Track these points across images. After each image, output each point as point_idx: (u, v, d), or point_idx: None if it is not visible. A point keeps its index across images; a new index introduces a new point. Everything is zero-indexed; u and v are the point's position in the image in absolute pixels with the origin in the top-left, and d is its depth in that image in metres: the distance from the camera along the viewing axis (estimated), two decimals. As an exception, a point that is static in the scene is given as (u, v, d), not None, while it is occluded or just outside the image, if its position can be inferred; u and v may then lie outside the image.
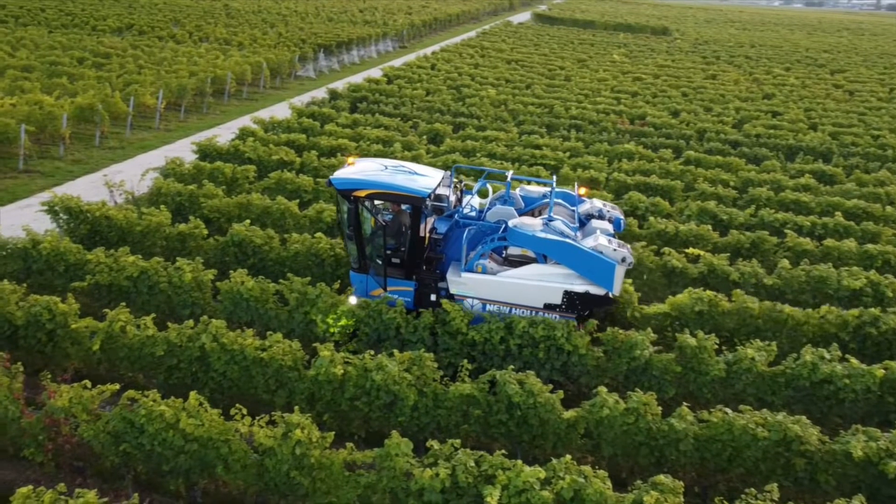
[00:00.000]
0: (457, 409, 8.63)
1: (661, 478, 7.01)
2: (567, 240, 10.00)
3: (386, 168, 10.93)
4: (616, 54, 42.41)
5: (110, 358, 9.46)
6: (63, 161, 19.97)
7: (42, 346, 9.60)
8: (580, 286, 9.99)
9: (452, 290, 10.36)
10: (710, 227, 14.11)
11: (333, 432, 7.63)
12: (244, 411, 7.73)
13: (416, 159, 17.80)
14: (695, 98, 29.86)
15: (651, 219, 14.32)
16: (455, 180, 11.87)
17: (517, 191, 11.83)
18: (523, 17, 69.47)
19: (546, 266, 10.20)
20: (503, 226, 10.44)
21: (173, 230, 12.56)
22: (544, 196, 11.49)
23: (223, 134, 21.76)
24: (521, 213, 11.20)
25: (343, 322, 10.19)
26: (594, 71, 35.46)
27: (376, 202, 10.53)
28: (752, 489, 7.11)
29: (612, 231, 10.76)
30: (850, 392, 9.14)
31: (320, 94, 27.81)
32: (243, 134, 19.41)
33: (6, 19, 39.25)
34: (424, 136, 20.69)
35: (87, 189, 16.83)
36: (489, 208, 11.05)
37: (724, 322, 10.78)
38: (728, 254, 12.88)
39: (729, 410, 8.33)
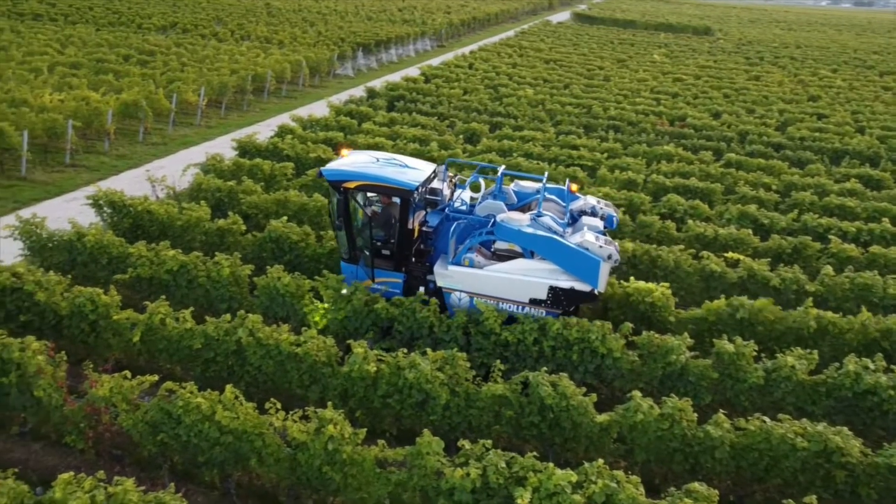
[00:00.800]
0: (488, 409, 8.61)
1: (696, 485, 6.90)
2: (553, 236, 10.01)
3: (377, 160, 10.95)
4: (657, 54, 41.86)
5: (150, 349, 9.66)
6: (108, 156, 20.46)
7: (85, 337, 9.85)
8: (565, 282, 9.97)
9: (439, 283, 10.41)
10: (750, 231, 13.83)
11: (365, 429, 7.66)
12: (278, 405, 7.82)
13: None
14: (737, 99, 29.30)
15: (690, 222, 14.10)
16: (450, 174, 11.86)
17: (511, 186, 11.83)
18: (563, 16, 68.99)
19: (532, 261, 10.21)
20: (492, 220, 10.45)
21: (212, 225, 12.77)
22: (538, 192, 11.45)
23: (262, 131, 22.05)
24: (514, 209, 11.24)
25: (323, 310, 10.36)
26: (634, 71, 35.04)
27: (369, 194, 10.61)
28: (790, 500, 6.95)
29: (602, 228, 10.78)
30: (894, 404, 8.88)
31: (358, 92, 28.00)
32: (282, 131, 19.64)
33: (56, 17, 40.38)
34: (461, 136, 20.69)
35: (131, 183, 17.22)
36: (480, 203, 11.09)
37: (763, 329, 10.56)
38: (769, 259, 12.60)
39: (767, 419, 8.16)
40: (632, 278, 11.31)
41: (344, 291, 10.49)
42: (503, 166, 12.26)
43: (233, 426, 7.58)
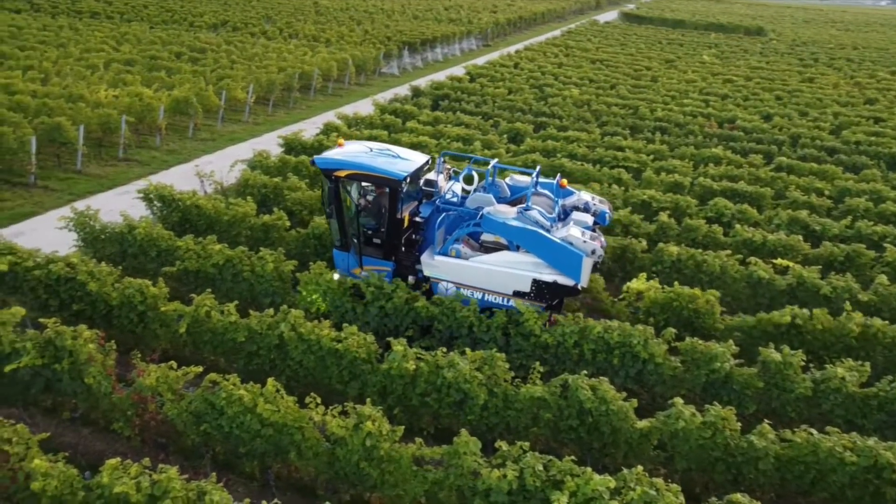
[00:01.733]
0: (527, 411, 8.56)
1: (738, 496, 6.76)
2: (537, 229, 10.09)
3: (371, 150, 11.10)
4: (706, 55, 41.04)
5: (195, 341, 9.87)
6: (159, 151, 20.98)
7: (133, 327, 10.12)
8: (548, 275, 10.09)
9: (426, 273, 10.63)
10: (800, 237, 13.42)
11: (403, 427, 7.70)
12: (318, 400, 7.91)
13: (494, 157, 17.78)
14: (789, 102, 28.51)
15: (737, 226, 13.78)
16: (448, 167, 11.96)
17: (507, 180, 11.94)
18: (610, 15, 68.18)
19: (517, 254, 10.32)
20: (480, 212, 10.57)
21: (258, 221, 12.98)
22: (536, 185, 11.63)
23: (308, 128, 22.32)
24: (507, 202, 11.30)
25: (315, 296, 10.60)
26: (682, 72, 34.42)
27: (364, 184, 10.78)
28: (837, 516, 6.76)
29: (590, 223, 10.85)
30: (950, 420, 8.55)
31: (403, 91, 28.13)
32: (327, 129, 19.85)
33: (112, 15, 41.58)
34: (505, 135, 20.62)
35: (180, 178, 17.62)
36: (471, 195, 11.19)
37: (813, 338, 10.27)
38: (819, 266, 12.24)
39: (814, 431, 7.93)
40: (675, 283, 11.11)
41: (336, 277, 10.76)
42: (496, 159, 12.34)
43: (273, 419, 7.69)
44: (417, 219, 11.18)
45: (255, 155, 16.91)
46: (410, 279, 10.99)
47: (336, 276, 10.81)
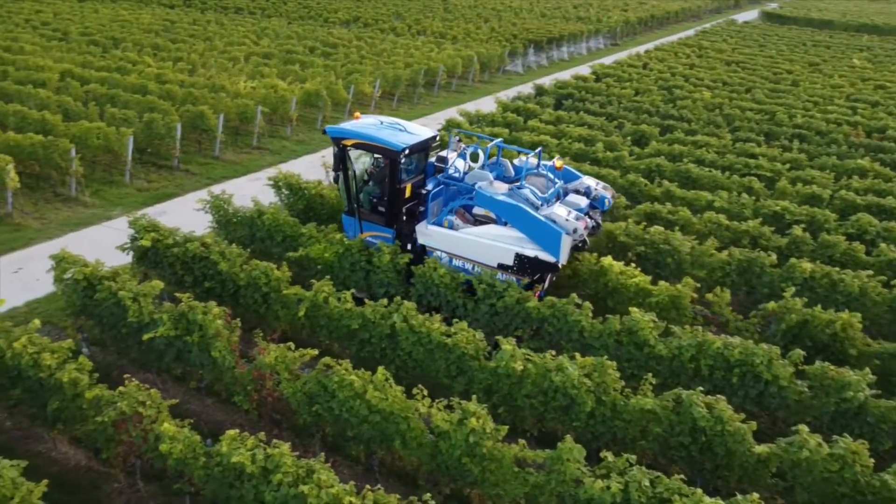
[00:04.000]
0: (635, 422, 8.29)
1: (866, 539, 6.22)
2: (521, 205, 10.55)
3: (381, 124, 11.85)
4: (856, 58, 38.01)
5: (312, 325, 10.28)
6: (289, 141, 22.02)
7: (257, 307, 10.68)
8: (531, 250, 10.53)
9: (420, 241, 11.34)
10: (957, 261, 12.17)
11: (507, 427, 7.67)
12: (425, 392, 8.02)
13: (617, 160, 17.34)
14: (952, 111, 25.89)
15: (882, 245, 12.67)
16: (462, 145, 12.43)
17: (516, 160, 12.54)
18: (749, 15, 64.62)
19: (503, 228, 10.80)
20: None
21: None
22: (537, 167, 12.16)
23: (430, 124, 22.63)
24: (509, 181, 11.78)
25: (320, 250, 11.40)
26: (828, 76, 32.05)
27: (375, 155, 11.50)
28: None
29: (584, 206, 11.31)
30: None
31: (526, 89, 27.98)
32: (449, 125, 20.05)
33: (254, 11, 44.11)
34: (629, 137, 20.03)
35: (307, 168, 18.42)
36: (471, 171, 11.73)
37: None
38: (978, 295, 11.04)
39: (961, 477, 7.17)
40: (818, 306, 10.34)
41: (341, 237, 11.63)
42: (501, 139, 12.84)
43: (381, 406, 7.88)
44: (423, 191, 11.72)
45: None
46: (409, 247, 11.64)
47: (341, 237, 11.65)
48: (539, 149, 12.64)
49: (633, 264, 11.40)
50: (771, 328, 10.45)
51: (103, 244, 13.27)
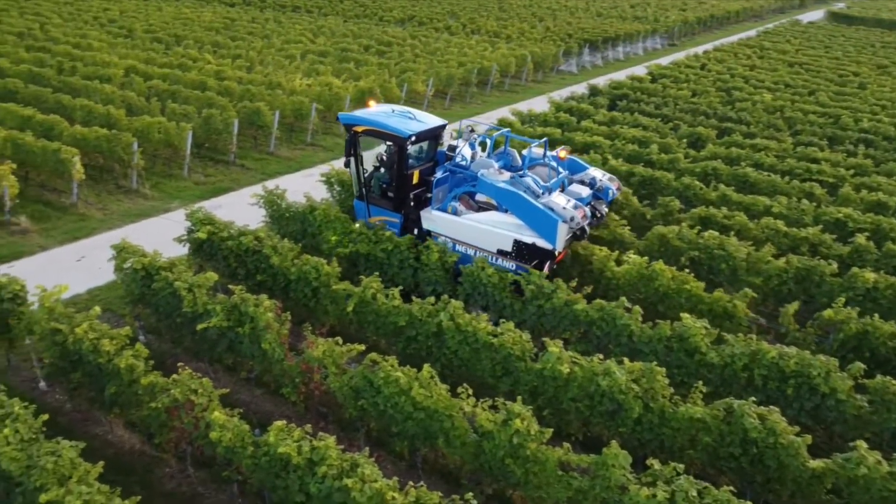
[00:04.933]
0: (684, 431, 8.11)
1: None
2: (520, 192, 10.92)
3: (393, 112, 12.24)
4: (929, 61, 36.36)
5: (360, 320, 10.38)
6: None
7: (307, 301, 10.85)
8: (529, 237, 10.92)
9: (425, 226, 11.81)
10: None
11: (552, 430, 7.60)
12: (470, 391, 8.01)
13: (672, 163, 17.00)
14: None
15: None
16: (475, 135, 12.71)
17: (525, 151, 12.69)
18: (815, 15, 62.54)
19: (504, 215, 11.17)
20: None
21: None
22: (544, 157, 12.63)
23: (482, 123, 22.58)
24: (516, 171, 12.04)
25: (335, 239, 11.90)
26: (897, 79, 30.80)
27: (388, 143, 11.79)
28: None
29: (586, 196, 11.78)
30: None
31: (580, 89, 27.68)
32: (501, 125, 19.99)
33: (311, 9, 44.80)
34: (684, 140, 19.61)
35: (359, 165, 18.58)
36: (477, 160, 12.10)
37: None
38: None
39: None
40: (876, 316, 9.97)
41: (357, 226, 12.06)
42: (508, 129, 13.37)
43: (426, 404, 7.90)
44: (432, 178, 12.05)
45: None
46: (415, 231, 12.07)
47: (357, 226, 12.10)
48: (545, 139, 13.09)
49: (687, 269, 11.16)
50: (829, 339, 10.10)
51: (161, 235, 13.67)
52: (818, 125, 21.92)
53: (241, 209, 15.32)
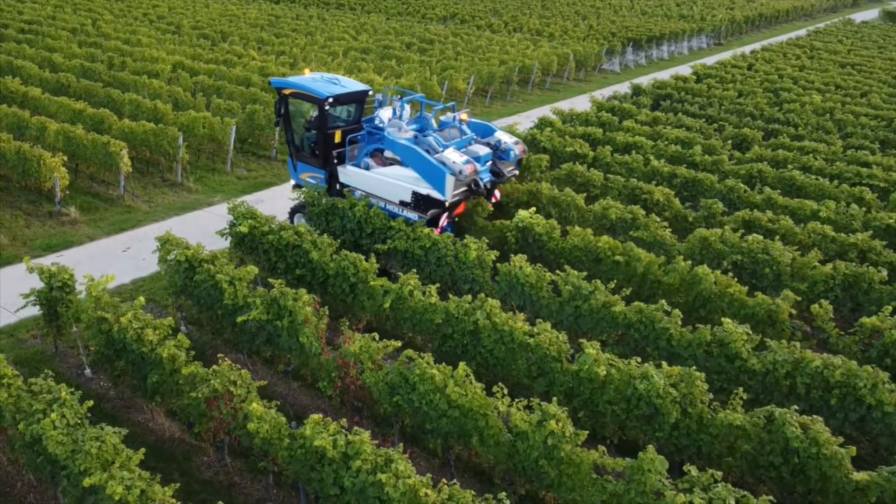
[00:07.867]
0: (723, 438, 7.96)
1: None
2: (415, 147, 12.15)
3: (321, 78, 13.61)
4: None
5: (396, 317, 10.43)
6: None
7: (344, 296, 10.94)
8: (424, 189, 12.11)
9: (341, 180, 13.18)
10: None
11: (587, 432, 7.53)
12: (505, 391, 7.98)
13: (716, 164, 16.68)
14: None
15: None
16: (396, 101, 13.68)
17: (446, 116, 13.98)
18: (869, 14, 60.72)
19: (405, 169, 12.39)
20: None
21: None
22: (454, 120, 13.71)
23: (523, 122, 22.54)
24: (431, 133, 13.06)
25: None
26: (955, 81, 29.70)
27: (335, 104, 12.96)
28: None
29: (483, 154, 12.83)
30: None
31: (623, 88, 27.36)
32: (542, 123, 19.86)
33: (355, 7, 45.16)
34: (729, 141, 19.22)
35: (398, 162, 18.64)
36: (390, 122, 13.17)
37: None
38: None
39: None
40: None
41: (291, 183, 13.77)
42: (423, 94, 15.01)
43: (460, 402, 7.91)
44: (352, 137, 13.25)
45: (469, 144, 17.37)
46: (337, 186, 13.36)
47: (292, 184, 13.77)
48: (452, 103, 14.81)
49: (730, 274, 10.94)
50: (873, 347, 9.80)
51: (204, 228, 13.96)
52: (870, 128, 21.28)
53: (281, 204, 15.53)
